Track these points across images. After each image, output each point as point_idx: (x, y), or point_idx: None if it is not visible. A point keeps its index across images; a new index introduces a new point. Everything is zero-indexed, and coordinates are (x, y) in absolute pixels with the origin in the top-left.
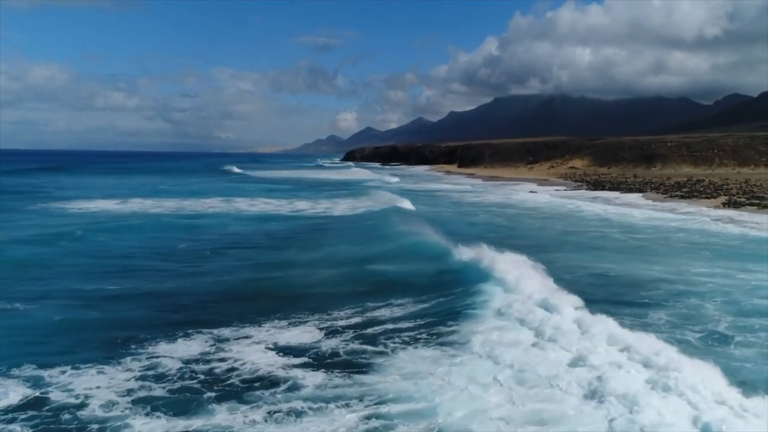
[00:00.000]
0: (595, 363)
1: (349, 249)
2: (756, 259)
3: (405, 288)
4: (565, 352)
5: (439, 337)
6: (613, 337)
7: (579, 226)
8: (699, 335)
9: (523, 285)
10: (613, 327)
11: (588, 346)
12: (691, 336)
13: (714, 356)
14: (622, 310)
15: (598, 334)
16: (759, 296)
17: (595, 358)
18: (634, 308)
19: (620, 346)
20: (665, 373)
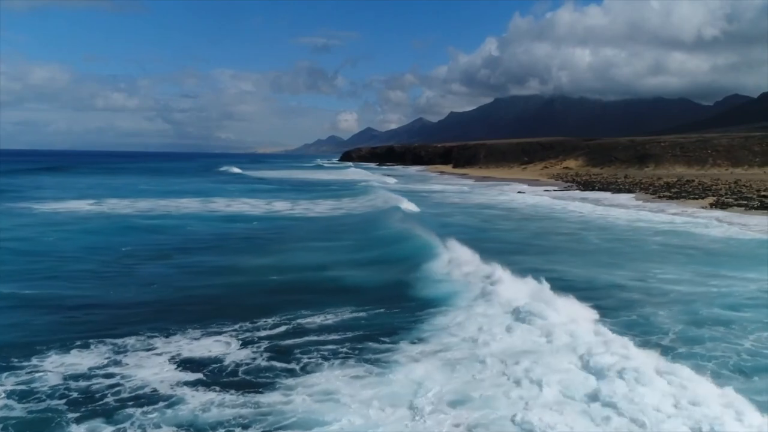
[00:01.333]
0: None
1: (309, 254)
2: (732, 264)
3: (352, 296)
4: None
5: (368, 353)
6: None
7: (555, 227)
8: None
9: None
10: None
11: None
12: None
13: None
14: None
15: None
16: (720, 305)
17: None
18: None
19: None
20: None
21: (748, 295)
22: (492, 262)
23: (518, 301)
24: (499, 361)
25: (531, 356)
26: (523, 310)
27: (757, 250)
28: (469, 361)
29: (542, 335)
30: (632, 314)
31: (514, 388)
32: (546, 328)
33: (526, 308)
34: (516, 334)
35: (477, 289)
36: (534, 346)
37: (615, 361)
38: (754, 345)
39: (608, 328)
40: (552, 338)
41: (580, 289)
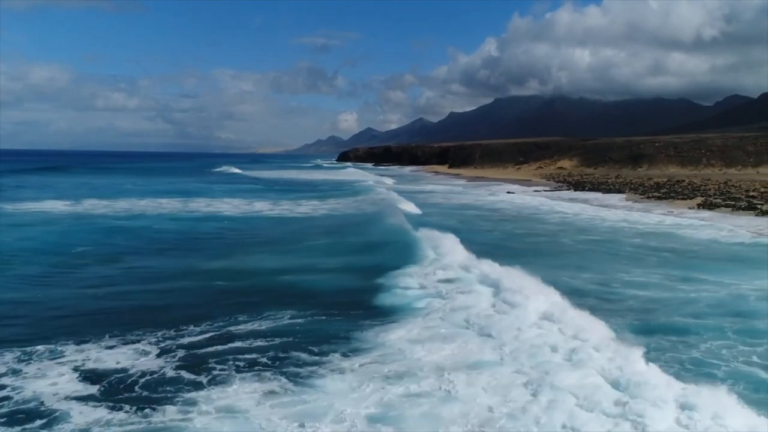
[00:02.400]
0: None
1: (271, 256)
2: (708, 267)
3: (299, 302)
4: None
5: (291, 365)
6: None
7: (533, 228)
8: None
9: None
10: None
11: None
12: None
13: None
14: None
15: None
16: (681, 312)
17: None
18: None
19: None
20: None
21: (714, 302)
22: (457, 268)
23: (475, 310)
24: (435, 374)
25: (478, 370)
26: (476, 322)
27: (738, 252)
28: (402, 375)
29: (496, 347)
30: None
31: (439, 405)
32: (500, 339)
33: (479, 321)
34: (465, 345)
35: (437, 297)
36: (483, 357)
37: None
38: (702, 355)
39: None
40: (503, 351)
41: None
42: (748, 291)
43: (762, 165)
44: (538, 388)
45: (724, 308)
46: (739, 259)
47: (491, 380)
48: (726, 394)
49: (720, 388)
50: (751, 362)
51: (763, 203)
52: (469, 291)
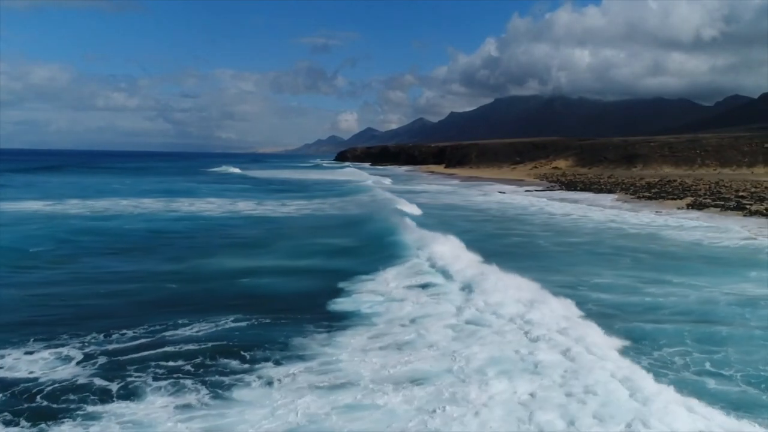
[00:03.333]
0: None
1: (235, 258)
2: (683, 269)
3: (248, 306)
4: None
5: (216, 374)
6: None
7: (513, 228)
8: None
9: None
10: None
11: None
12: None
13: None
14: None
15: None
16: (641, 318)
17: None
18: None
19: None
20: None
21: (680, 306)
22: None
23: (435, 319)
24: (375, 386)
25: (421, 382)
26: (432, 332)
27: (718, 254)
28: (337, 386)
29: (453, 360)
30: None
31: (371, 420)
32: (449, 350)
33: (436, 331)
34: (412, 354)
35: (399, 302)
36: (430, 368)
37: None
38: (651, 363)
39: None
40: (456, 365)
41: None
42: (720, 295)
43: (757, 165)
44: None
45: (689, 313)
46: (719, 261)
47: (434, 393)
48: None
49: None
50: (702, 371)
51: (752, 203)
52: (435, 297)
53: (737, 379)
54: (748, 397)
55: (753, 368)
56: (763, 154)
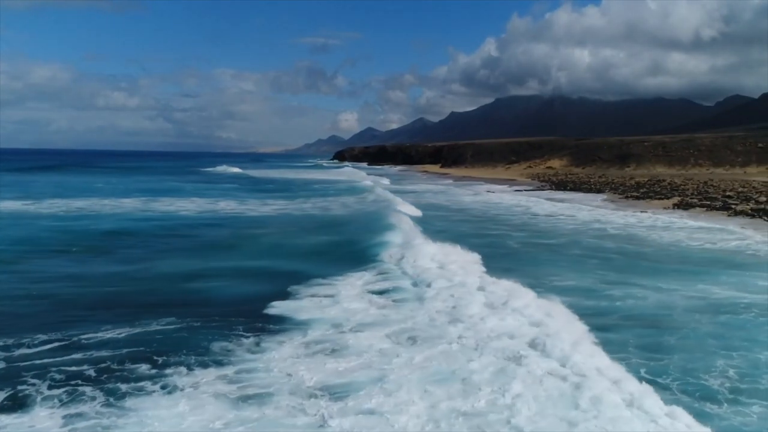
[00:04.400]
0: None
1: (192, 260)
2: (651, 271)
3: (184, 309)
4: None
5: (120, 380)
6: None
7: (489, 229)
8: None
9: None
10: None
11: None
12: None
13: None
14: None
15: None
16: (591, 323)
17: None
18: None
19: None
20: None
21: (635, 311)
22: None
23: (394, 328)
24: (295, 396)
25: (347, 392)
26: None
27: (694, 255)
28: (251, 396)
29: (388, 371)
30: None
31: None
32: (386, 360)
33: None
34: (349, 363)
35: (351, 309)
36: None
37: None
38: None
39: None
40: (391, 375)
41: None
42: (681, 299)
43: (750, 165)
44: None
45: (641, 318)
46: (693, 263)
47: (353, 407)
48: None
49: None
50: (638, 378)
51: (738, 203)
52: (390, 302)
53: (673, 388)
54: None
55: (693, 377)
56: (756, 154)
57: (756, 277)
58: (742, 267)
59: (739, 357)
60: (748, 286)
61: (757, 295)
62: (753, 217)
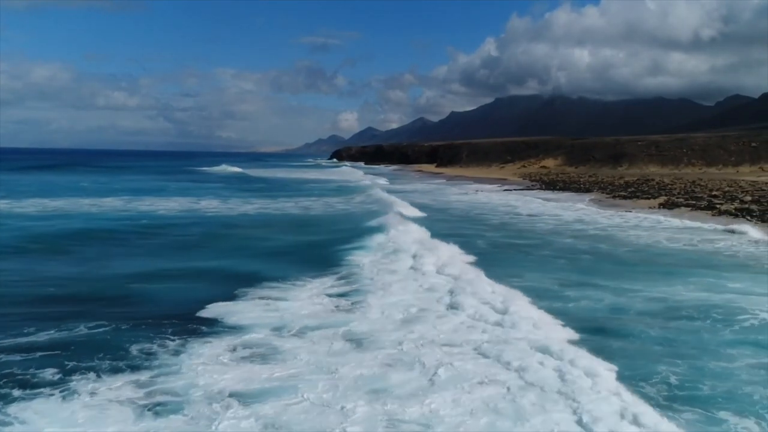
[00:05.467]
0: None
1: (149, 260)
2: (616, 272)
3: (119, 312)
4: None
5: (17, 388)
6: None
7: (464, 228)
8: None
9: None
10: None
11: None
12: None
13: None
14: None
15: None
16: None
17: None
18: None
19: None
20: None
21: (582, 314)
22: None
23: (341, 330)
24: (205, 402)
25: (263, 398)
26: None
27: (669, 255)
28: (159, 403)
29: (321, 379)
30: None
31: None
32: (320, 367)
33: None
34: (276, 368)
35: (298, 313)
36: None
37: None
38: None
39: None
40: (321, 384)
41: None
42: (640, 302)
43: (743, 164)
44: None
45: (589, 321)
46: (665, 264)
47: (271, 418)
48: None
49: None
50: None
51: (723, 203)
52: (346, 305)
53: None
54: None
55: (629, 384)
56: (749, 153)
57: (728, 278)
58: (716, 268)
59: (684, 364)
60: (716, 287)
61: (723, 296)
62: (736, 217)
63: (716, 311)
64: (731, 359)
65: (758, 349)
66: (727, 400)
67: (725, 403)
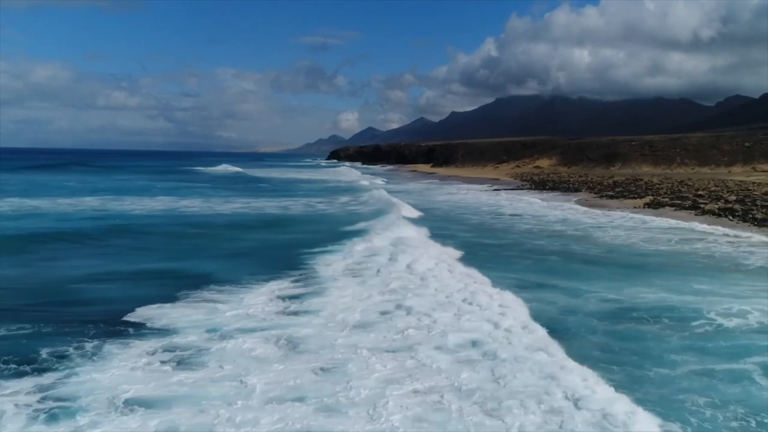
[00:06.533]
0: None
1: (100, 260)
2: (580, 273)
3: (46, 314)
4: None
5: None
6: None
7: (442, 228)
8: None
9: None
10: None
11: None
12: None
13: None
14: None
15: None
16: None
17: None
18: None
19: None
20: None
21: (535, 312)
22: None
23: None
24: (104, 408)
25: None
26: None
27: (641, 256)
28: (45, 413)
29: (237, 386)
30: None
31: None
32: (235, 374)
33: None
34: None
35: (236, 317)
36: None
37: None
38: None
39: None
40: (233, 391)
41: None
42: (592, 304)
43: (735, 164)
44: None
45: (538, 321)
46: (634, 264)
47: (166, 417)
48: None
49: None
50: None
51: (708, 202)
52: (294, 311)
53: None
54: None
55: None
56: (742, 153)
57: (694, 280)
58: (686, 268)
59: (620, 371)
60: (678, 289)
61: (683, 297)
62: (719, 216)
63: (670, 314)
64: (673, 366)
65: (703, 356)
66: (657, 406)
67: (654, 412)
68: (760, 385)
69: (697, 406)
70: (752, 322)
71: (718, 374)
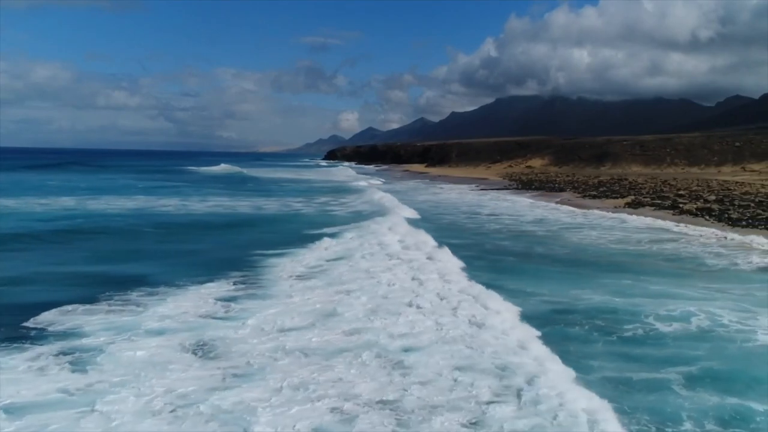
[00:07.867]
0: None
1: (39, 264)
2: (540, 274)
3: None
4: None
5: None
6: None
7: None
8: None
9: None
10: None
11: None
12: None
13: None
14: None
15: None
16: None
17: None
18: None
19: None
20: None
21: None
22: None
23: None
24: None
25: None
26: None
27: (608, 257)
28: None
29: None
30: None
31: None
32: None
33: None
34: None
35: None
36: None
37: None
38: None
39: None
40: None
41: None
42: (535, 305)
43: (725, 164)
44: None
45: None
46: (592, 264)
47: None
48: None
49: None
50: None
51: (687, 202)
52: (225, 314)
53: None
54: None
55: None
56: (732, 153)
57: (650, 281)
58: (646, 269)
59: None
60: (628, 291)
61: (629, 300)
62: (696, 216)
63: (605, 317)
64: (587, 371)
65: (624, 363)
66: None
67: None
68: (677, 395)
69: None
70: (693, 326)
71: (634, 383)
